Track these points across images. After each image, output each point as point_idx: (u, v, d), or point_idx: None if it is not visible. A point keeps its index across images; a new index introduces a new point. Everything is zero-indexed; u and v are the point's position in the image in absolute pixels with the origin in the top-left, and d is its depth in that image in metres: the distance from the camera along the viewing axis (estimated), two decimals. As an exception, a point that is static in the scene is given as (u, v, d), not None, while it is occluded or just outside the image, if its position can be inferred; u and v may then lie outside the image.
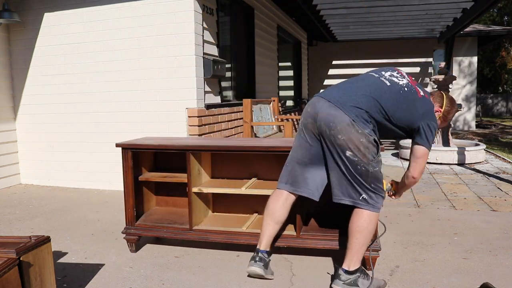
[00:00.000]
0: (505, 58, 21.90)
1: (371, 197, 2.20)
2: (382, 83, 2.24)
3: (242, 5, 5.86)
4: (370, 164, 2.16)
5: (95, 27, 4.61)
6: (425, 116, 2.20)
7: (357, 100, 2.17)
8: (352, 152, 2.14)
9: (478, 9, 6.55)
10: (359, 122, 2.13)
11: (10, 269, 1.56)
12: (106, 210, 3.93)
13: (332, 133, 2.16)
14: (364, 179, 2.17)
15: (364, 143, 2.14)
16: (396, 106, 2.19)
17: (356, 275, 2.19)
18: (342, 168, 2.19)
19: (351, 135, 2.13)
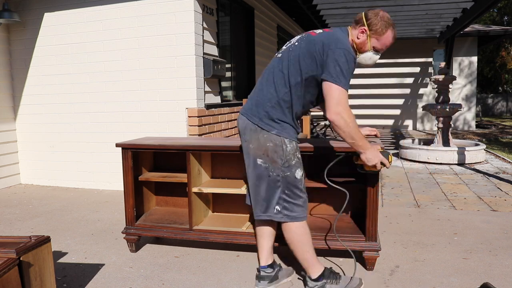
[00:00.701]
0: (505, 58, 21.89)
1: (285, 208, 2.10)
2: (274, 60, 2.13)
3: (242, 5, 5.86)
4: (280, 169, 2.07)
5: (95, 27, 4.61)
6: (325, 47, 1.97)
7: (258, 98, 2.10)
8: (262, 159, 2.08)
9: (478, 9, 6.56)
10: (264, 124, 2.05)
11: (10, 269, 1.56)
12: (106, 210, 3.93)
13: (245, 144, 2.14)
14: (277, 186, 2.08)
15: (271, 147, 2.05)
16: (292, 64, 2.03)
17: (322, 282, 2.15)
18: (256, 177, 2.12)
19: (258, 141, 2.07)
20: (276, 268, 2.34)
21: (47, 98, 4.93)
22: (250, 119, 2.11)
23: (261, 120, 2.07)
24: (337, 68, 1.93)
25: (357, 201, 2.80)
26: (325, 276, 2.16)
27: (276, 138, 2.05)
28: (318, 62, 1.99)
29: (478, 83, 18.87)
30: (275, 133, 2.05)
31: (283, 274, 2.38)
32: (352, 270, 2.49)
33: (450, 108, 6.38)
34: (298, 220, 2.13)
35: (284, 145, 2.06)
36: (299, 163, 2.12)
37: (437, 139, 6.61)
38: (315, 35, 2.06)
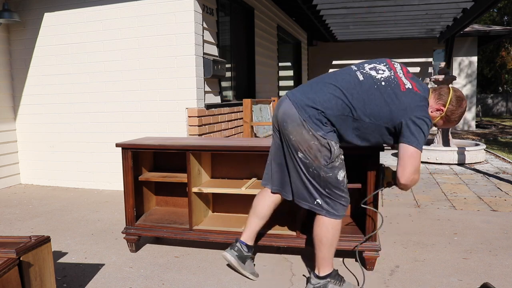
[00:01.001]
0: (505, 58, 21.90)
1: (326, 202, 2.12)
2: (354, 79, 2.09)
3: (242, 5, 5.86)
4: (322, 168, 2.08)
5: (95, 27, 4.61)
6: (409, 111, 1.98)
7: (315, 99, 2.06)
8: (303, 154, 2.09)
9: (478, 9, 6.56)
10: (311, 123, 2.04)
11: (10, 269, 1.56)
12: (106, 210, 3.93)
13: (286, 132, 2.13)
14: (318, 182, 2.11)
15: (315, 146, 2.05)
16: (366, 103, 2.02)
17: (326, 280, 2.17)
18: (297, 168, 2.14)
19: (301, 136, 2.06)
20: (250, 253, 2.41)
21: (47, 98, 4.93)
22: (299, 111, 2.07)
23: (310, 118, 2.05)
24: (422, 135, 1.99)
25: (357, 201, 2.80)
26: (331, 276, 2.18)
27: (322, 138, 2.05)
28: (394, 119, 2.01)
29: (478, 83, 18.88)
30: (321, 134, 2.05)
31: (250, 267, 2.42)
32: (352, 270, 2.49)
33: (450, 108, 6.37)
34: (337, 218, 2.14)
35: (330, 147, 2.07)
36: (342, 164, 2.14)
37: (437, 139, 6.61)
38: (404, 90, 2.04)
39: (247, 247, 2.40)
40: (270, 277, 2.43)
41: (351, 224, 2.70)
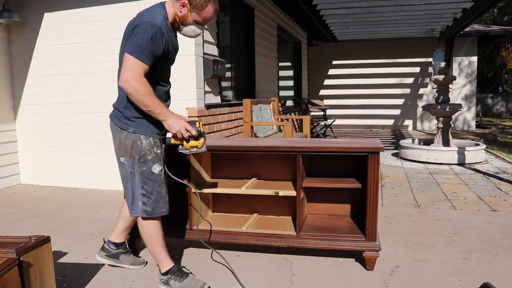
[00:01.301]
0: (505, 58, 21.89)
1: (143, 202, 2.17)
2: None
3: (242, 5, 5.86)
4: (136, 164, 2.15)
5: (95, 27, 4.61)
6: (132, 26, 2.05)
7: (116, 100, 2.22)
8: (124, 157, 2.18)
9: (478, 9, 6.56)
10: (121, 123, 2.15)
11: (10, 269, 1.56)
12: (106, 210, 3.93)
13: (113, 144, 2.25)
14: (137, 182, 2.16)
15: (129, 144, 2.14)
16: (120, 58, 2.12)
17: (167, 276, 2.25)
18: (122, 177, 2.23)
19: (119, 139, 2.18)
20: (120, 249, 2.53)
21: (47, 98, 4.93)
22: (112, 121, 2.23)
23: (119, 120, 2.18)
24: (135, 39, 1.98)
25: (357, 201, 2.80)
26: (170, 272, 2.26)
27: (132, 135, 2.13)
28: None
29: (478, 83, 18.87)
30: (132, 131, 2.13)
31: (127, 260, 2.54)
32: (352, 270, 2.50)
33: (450, 108, 6.38)
34: (154, 216, 2.21)
35: (140, 141, 2.13)
36: (157, 158, 2.18)
37: (437, 139, 6.61)
38: (132, 19, 2.12)
39: (115, 245, 2.52)
40: (270, 277, 2.43)
41: (351, 224, 2.70)
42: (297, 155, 2.49)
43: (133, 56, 1.97)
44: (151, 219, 2.22)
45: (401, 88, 12.43)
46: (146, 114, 2.09)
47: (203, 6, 2.09)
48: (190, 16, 2.11)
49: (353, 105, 12.65)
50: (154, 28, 1.99)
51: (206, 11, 2.11)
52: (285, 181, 2.88)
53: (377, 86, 12.47)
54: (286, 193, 2.62)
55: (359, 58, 12.57)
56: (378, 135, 10.62)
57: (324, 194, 2.85)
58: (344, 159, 2.75)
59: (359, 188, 2.54)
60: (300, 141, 2.75)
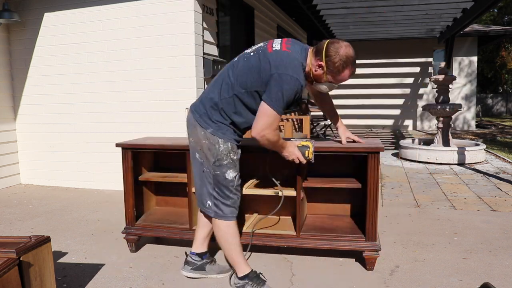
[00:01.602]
0: (505, 58, 21.87)
1: (215, 204, 2.19)
2: (229, 65, 2.19)
3: (242, 5, 5.86)
4: (211, 166, 2.14)
5: (95, 27, 4.61)
6: (273, 68, 1.98)
7: (203, 96, 2.19)
8: (199, 154, 2.17)
9: (478, 9, 6.56)
10: (202, 121, 2.13)
11: (10, 269, 1.56)
12: (106, 210, 3.93)
13: (188, 137, 2.23)
14: (209, 182, 2.17)
15: (206, 144, 2.12)
16: (239, 75, 2.08)
17: (244, 281, 2.20)
18: (194, 171, 2.23)
19: (196, 136, 2.16)
20: (205, 259, 2.43)
21: (47, 98, 4.93)
22: (193, 114, 2.19)
23: (200, 117, 2.15)
24: (279, 94, 1.96)
25: (357, 201, 2.80)
26: (248, 277, 2.21)
27: (211, 136, 2.11)
28: (264, 80, 2.01)
29: (478, 83, 18.86)
30: (210, 132, 2.11)
31: (213, 269, 2.44)
32: (352, 270, 2.49)
33: (450, 108, 6.38)
34: (226, 220, 2.20)
35: (218, 145, 2.12)
36: (233, 164, 2.17)
37: (437, 139, 6.61)
38: (271, 51, 2.05)
39: (198, 256, 2.43)
40: (270, 277, 2.43)
41: (351, 224, 2.69)
42: (297, 155, 2.49)
43: (272, 108, 1.98)
44: (225, 221, 2.19)
45: (401, 88, 12.42)
46: (231, 121, 2.13)
47: (340, 71, 2.05)
48: (325, 77, 2.09)
49: (353, 105, 12.65)
50: (297, 85, 1.99)
51: (342, 75, 2.07)
52: (285, 181, 2.87)
53: (377, 86, 12.47)
54: (286, 193, 2.61)
55: (359, 58, 12.48)
56: (378, 135, 10.62)
57: (324, 194, 2.85)
58: (344, 159, 2.74)
59: (359, 188, 2.54)
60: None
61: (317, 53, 2.06)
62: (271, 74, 1.97)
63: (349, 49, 2.03)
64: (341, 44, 2.03)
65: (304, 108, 9.30)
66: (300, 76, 2.00)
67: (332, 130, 10.45)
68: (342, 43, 2.03)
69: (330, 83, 2.12)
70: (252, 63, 2.06)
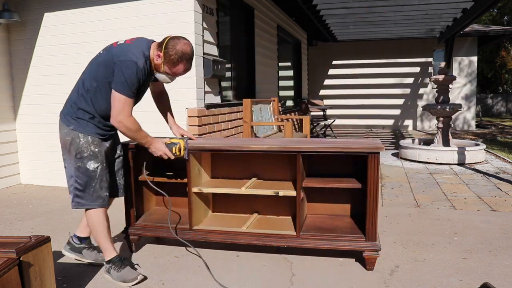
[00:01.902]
0: (505, 58, 21.88)
1: (77, 195, 2.35)
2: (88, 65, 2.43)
3: (242, 5, 5.86)
4: (73, 160, 2.33)
5: (95, 27, 4.61)
6: (115, 57, 2.25)
7: (68, 97, 2.44)
8: (62, 151, 2.40)
9: (478, 9, 6.56)
10: (65, 120, 2.36)
11: (10, 269, 1.56)
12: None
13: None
14: (71, 175, 2.36)
15: (69, 141, 2.33)
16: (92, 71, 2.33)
17: (109, 265, 2.40)
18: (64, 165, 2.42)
19: (62, 135, 2.38)
20: (83, 243, 2.63)
21: (47, 98, 4.93)
22: (60, 118, 2.43)
23: (64, 117, 2.39)
24: (122, 78, 2.21)
25: (357, 201, 2.80)
26: (112, 261, 2.39)
27: (72, 132, 2.33)
28: (110, 71, 2.26)
29: (478, 83, 18.86)
30: (72, 128, 2.33)
31: (90, 255, 2.62)
32: (352, 270, 2.50)
33: (450, 108, 6.38)
34: (92, 208, 2.36)
35: (78, 139, 2.32)
36: (94, 156, 2.35)
37: (437, 139, 6.61)
38: (115, 46, 2.34)
39: (79, 239, 2.63)
40: (270, 277, 2.43)
41: (351, 224, 2.69)
42: (297, 155, 2.50)
43: (123, 95, 2.24)
44: (92, 210, 2.36)
45: (401, 88, 12.42)
46: (90, 116, 2.34)
47: (175, 64, 2.33)
48: (162, 67, 2.35)
49: (353, 105, 12.65)
50: (137, 68, 2.24)
51: (177, 68, 2.36)
52: (285, 181, 2.88)
53: (377, 86, 12.47)
54: (286, 193, 2.62)
55: (359, 58, 12.57)
56: (378, 135, 10.62)
57: (324, 194, 2.85)
58: (344, 159, 2.75)
59: (359, 188, 2.54)
60: (300, 141, 2.75)
61: (159, 46, 2.34)
62: (114, 63, 2.23)
63: (186, 47, 2.32)
64: (180, 41, 2.32)
65: (304, 108, 9.30)
66: (139, 60, 2.25)
67: (332, 130, 10.46)
68: (181, 40, 2.33)
69: (168, 74, 2.38)
70: (100, 59, 2.33)
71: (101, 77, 2.29)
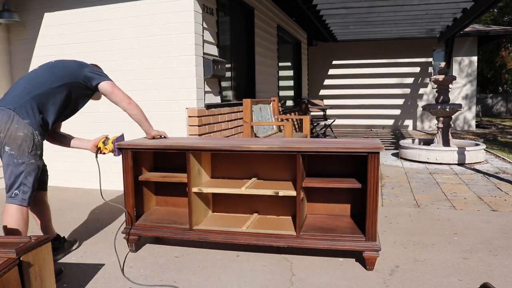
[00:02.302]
0: (505, 58, 21.88)
1: (24, 191, 2.31)
2: (34, 70, 2.56)
3: (242, 5, 5.86)
4: (27, 156, 2.29)
5: (95, 27, 4.61)
6: (82, 67, 2.71)
7: (19, 93, 2.38)
8: (9, 147, 2.29)
9: (478, 9, 6.56)
10: (21, 112, 2.28)
11: (10, 269, 1.56)
12: (106, 210, 3.93)
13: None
14: (18, 171, 2.29)
15: (20, 136, 2.27)
16: (44, 77, 2.49)
17: None
18: (4, 165, 2.32)
19: (9, 129, 2.26)
20: (61, 240, 2.78)
21: (47, 98, 4.93)
22: (6, 107, 2.32)
23: (19, 107, 2.31)
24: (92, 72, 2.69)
25: (357, 201, 2.81)
26: None
27: (29, 128, 2.29)
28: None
29: (478, 83, 18.86)
30: (28, 123, 2.29)
31: (69, 245, 2.84)
32: (352, 270, 2.50)
33: (450, 108, 6.38)
34: (25, 205, 2.34)
35: (35, 136, 2.33)
36: (42, 154, 2.45)
37: (437, 139, 6.61)
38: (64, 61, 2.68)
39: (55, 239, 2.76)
40: (270, 277, 2.43)
41: (351, 224, 2.69)
42: (297, 155, 2.50)
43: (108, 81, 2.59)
44: (25, 209, 2.34)
45: (401, 88, 12.43)
46: (45, 114, 2.41)
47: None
48: None
49: (353, 105, 12.65)
50: None
51: None
52: (285, 181, 2.88)
53: (377, 86, 12.47)
54: (286, 193, 2.62)
55: (359, 58, 12.57)
56: (378, 135, 10.62)
57: (324, 194, 2.85)
58: (344, 159, 2.75)
59: (359, 188, 2.54)
60: (300, 141, 2.75)
61: None
62: (84, 70, 2.75)
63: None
64: None
65: (304, 108, 9.30)
66: None
67: (332, 130, 10.46)
68: None
69: None
70: (56, 66, 2.76)
71: (56, 79, 2.59)
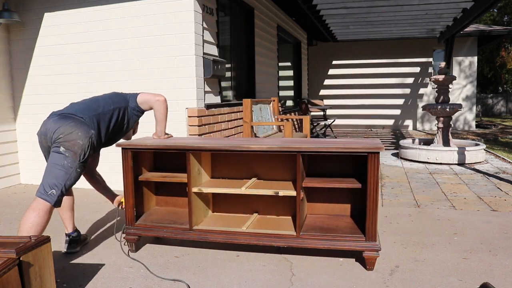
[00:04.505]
0: (505, 58, 21.87)
1: (59, 193, 2.52)
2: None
3: (242, 5, 5.86)
4: (78, 163, 2.55)
5: (95, 27, 4.61)
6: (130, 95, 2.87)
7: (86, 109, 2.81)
8: (65, 149, 2.54)
9: (478, 9, 6.56)
10: (89, 123, 2.66)
11: (10, 269, 1.56)
12: (106, 210, 3.93)
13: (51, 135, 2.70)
14: (66, 174, 2.52)
15: (80, 144, 2.54)
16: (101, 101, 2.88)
17: None
18: (52, 161, 2.58)
19: (72, 135, 2.58)
20: (79, 233, 2.93)
21: (47, 98, 4.93)
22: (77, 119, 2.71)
23: (86, 120, 2.67)
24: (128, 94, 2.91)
25: (357, 201, 2.81)
26: None
27: (89, 140, 2.55)
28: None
29: (478, 83, 18.87)
30: (92, 134, 2.58)
31: (84, 238, 3.01)
32: (352, 270, 2.50)
33: (450, 108, 6.38)
34: (58, 206, 2.55)
35: (92, 145, 2.58)
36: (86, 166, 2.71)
37: (437, 139, 6.61)
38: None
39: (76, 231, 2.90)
40: (270, 277, 2.43)
41: (351, 224, 2.69)
42: (297, 155, 2.50)
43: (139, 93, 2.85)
44: (53, 209, 2.48)
45: (401, 88, 12.42)
46: (101, 130, 2.67)
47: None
48: None
49: (353, 105, 12.65)
50: None
51: None
52: (285, 181, 2.88)
53: (377, 86, 12.47)
54: (286, 193, 2.62)
55: (359, 58, 12.57)
56: (378, 135, 10.62)
57: (324, 194, 2.85)
58: (344, 159, 2.75)
59: (359, 188, 2.54)
60: (300, 141, 2.75)
61: None
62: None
63: None
64: None
65: (304, 108, 9.30)
66: None
67: (332, 130, 10.46)
68: None
69: None
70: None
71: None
